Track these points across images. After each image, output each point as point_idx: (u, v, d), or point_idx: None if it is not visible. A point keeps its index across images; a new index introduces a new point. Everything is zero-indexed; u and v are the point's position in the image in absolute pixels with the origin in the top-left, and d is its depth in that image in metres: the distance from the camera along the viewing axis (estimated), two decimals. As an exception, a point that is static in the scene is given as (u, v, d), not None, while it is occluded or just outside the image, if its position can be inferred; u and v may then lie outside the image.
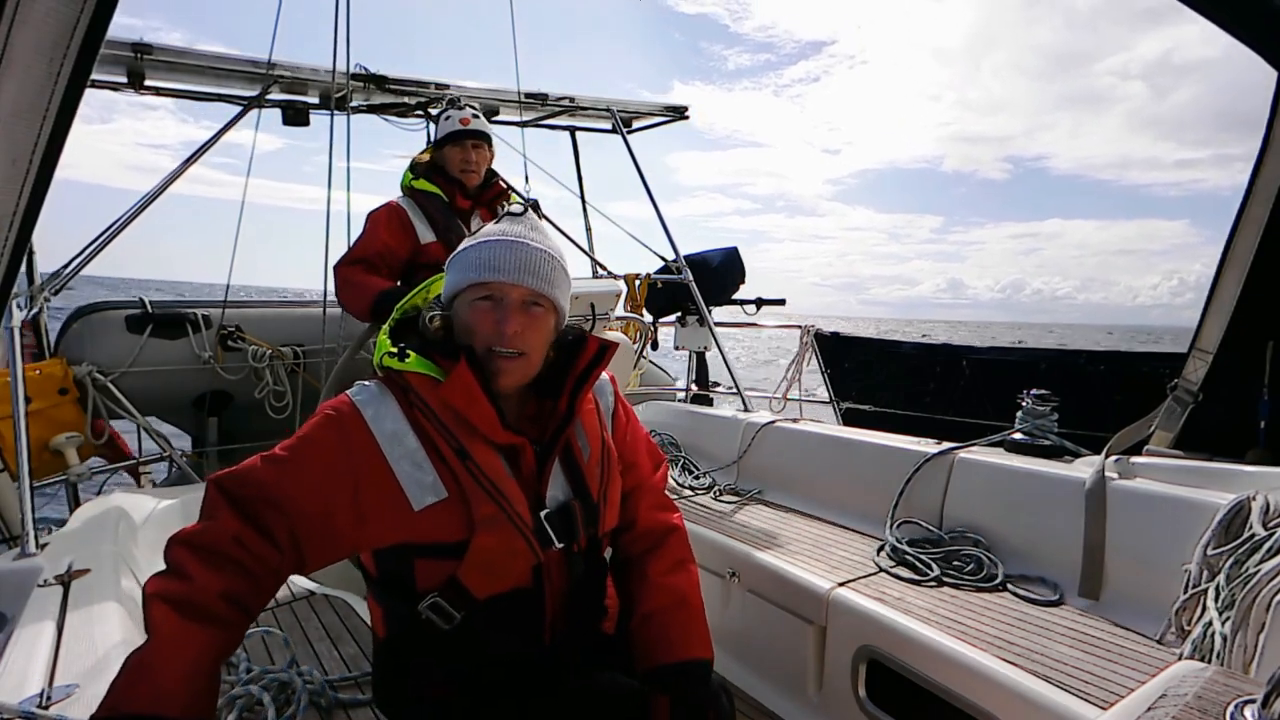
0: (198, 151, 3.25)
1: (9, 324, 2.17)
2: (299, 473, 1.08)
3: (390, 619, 1.21)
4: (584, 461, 1.23)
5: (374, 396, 1.15)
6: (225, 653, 1.02)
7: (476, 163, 2.61)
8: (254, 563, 1.04)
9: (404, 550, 1.12)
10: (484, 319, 1.14)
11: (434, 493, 1.10)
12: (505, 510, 1.11)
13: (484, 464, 1.11)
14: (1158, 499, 1.86)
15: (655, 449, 1.47)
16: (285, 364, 3.55)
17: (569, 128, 4.51)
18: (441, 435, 1.11)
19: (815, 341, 5.16)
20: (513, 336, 1.13)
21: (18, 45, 0.86)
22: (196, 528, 1.05)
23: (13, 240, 1.04)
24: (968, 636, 1.68)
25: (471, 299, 1.16)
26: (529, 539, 1.13)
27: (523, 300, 1.16)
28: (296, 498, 1.07)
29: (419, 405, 1.13)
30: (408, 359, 1.14)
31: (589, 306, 2.58)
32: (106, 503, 2.21)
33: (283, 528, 1.06)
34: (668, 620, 1.26)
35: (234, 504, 1.06)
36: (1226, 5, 1.91)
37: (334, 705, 1.60)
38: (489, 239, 1.18)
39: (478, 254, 1.16)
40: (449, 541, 1.10)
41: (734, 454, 3.05)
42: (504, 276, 1.14)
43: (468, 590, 1.11)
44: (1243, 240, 2.25)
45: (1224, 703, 0.74)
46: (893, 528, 2.28)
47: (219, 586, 1.01)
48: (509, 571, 1.14)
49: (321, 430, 1.12)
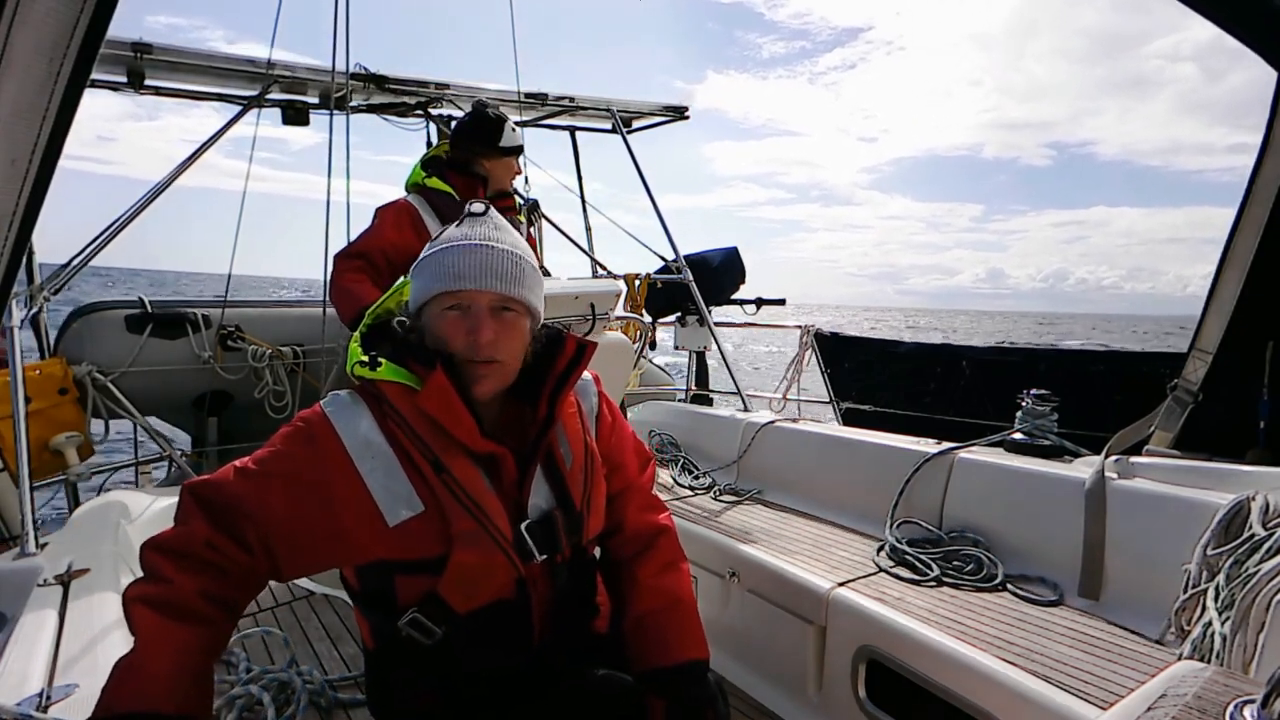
0: (197, 151, 3.26)
1: (9, 323, 2.17)
2: (268, 486, 1.06)
3: (375, 633, 1.20)
4: (566, 469, 1.19)
5: (345, 406, 1.11)
6: (212, 649, 1.01)
7: (519, 173, 2.67)
8: (229, 564, 1.04)
9: (383, 567, 1.10)
10: (455, 329, 1.10)
11: (409, 506, 1.06)
12: (483, 525, 1.08)
13: (461, 477, 1.07)
14: (1158, 499, 1.86)
15: (642, 447, 1.43)
16: (285, 364, 3.55)
17: (569, 127, 4.51)
18: (416, 446, 1.08)
19: (815, 341, 5.16)
20: (486, 345, 1.09)
21: (18, 45, 0.86)
22: (170, 533, 1.05)
23: (13, 240, 1.04)
24: (967, 636, 1.68)
25: (440, 309, 1.11)
26: (508, 553, 1.09)
27: (492, 306, 1.11)
28: (266, 510, 1.05)
29: (393, 415, 1.09)
30: (380, 367, 1.10)
31: (589, 306, 2.58)
32: (106, 502, 2.22)
33: (254, 536, 1.05)
34: (661, 622, 1.24)
35: (206, 510, 1.05)
36: (1226, 5, 1.90)
37: (334, 705, 1.60)
38: (452, 244, 1.12)
39: (440, 261, 1.11)
40: (427, 557, 1.08)
41: (734, 454, 3.05)
42: (470, 284, 1.09)
43: (448, 605, 1.09)
44: (1243, 240, 2.25)
45: (1224, 703, 0.74)
46: (892, 528, 2.28)
47: (196, 586, 1.00)
48: (489, 586, 1.11)
49: (291, 443, 1.09)
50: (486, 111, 2.57)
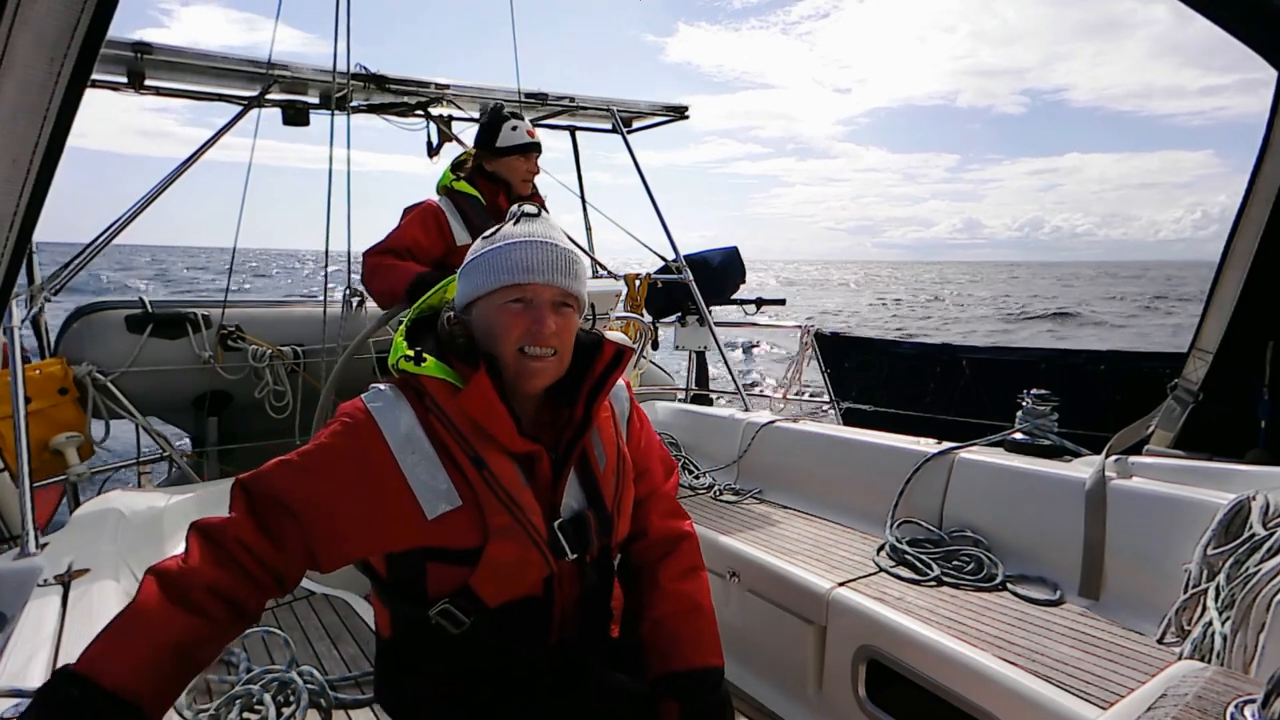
0: (197, 152, 3.25)
1: (9, 323, 2.17)
2: (314, 481, 1.08)
3: (396, 621, 1.21)
4: (599, 470, 1.21)
5: (389, 401, 1.14)
6: (200, 645, 1.00)
7: (533, 172, 2.66)
8: (254, 566, 1.05)
9: (418, 555, 1.12)
10: (516, 320, 1.13)
11: (447, 500, 1.09)
12: (519, 520, 1.10)
13: (499, 472, 1.10)
14: (1158, 499, 1.86)
15: (667, 455, 1.45)
16: (285, 364, 3.55)
17: (569, 127, 4.51)
18: (457, 442, 1.10)
19: (815, 341, 5.16)
20: (550, 335, 1.12)
21: (18, 45, 0.86)
22: (216, 519, 1.07)
23: (13, 240, 1.04)
24: (968, 636, 1.68)
25: (502, 301, 1.14)
26: (542, 549, 1.12)
27: (553, 300, 1.15)
28: (311, 505, 1.07)
29: (434, 411, 1.12)
30: (424, 363, 1.13)
31: (589, 306, 2.57)
32: (106, 503, 2.21)
33: (295, 533, 1.06)
34: (679, 625, 1.26)
35: (251, 504, 1.08)
36: (1226, 5, 1.91)
37: (334, 705, 1.60)
38: (518, 240, 1.15)
39: (507, 256, 1.14)
40: (463, 548, 1.10)
41: (734, 454, 3.05)
42: (537, 277, 1.13)
43: (480, 598, 1.11)
44: (1243, 240, 2.25)
45: (1224, 703, 0.74)
46: (893, 527, 2.28)
47: (210, 578, 1.01)
48: (521, 581, 1.13)
49: (338, 438, 1.11)
50: (491, 112, 2.59)
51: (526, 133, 2.58)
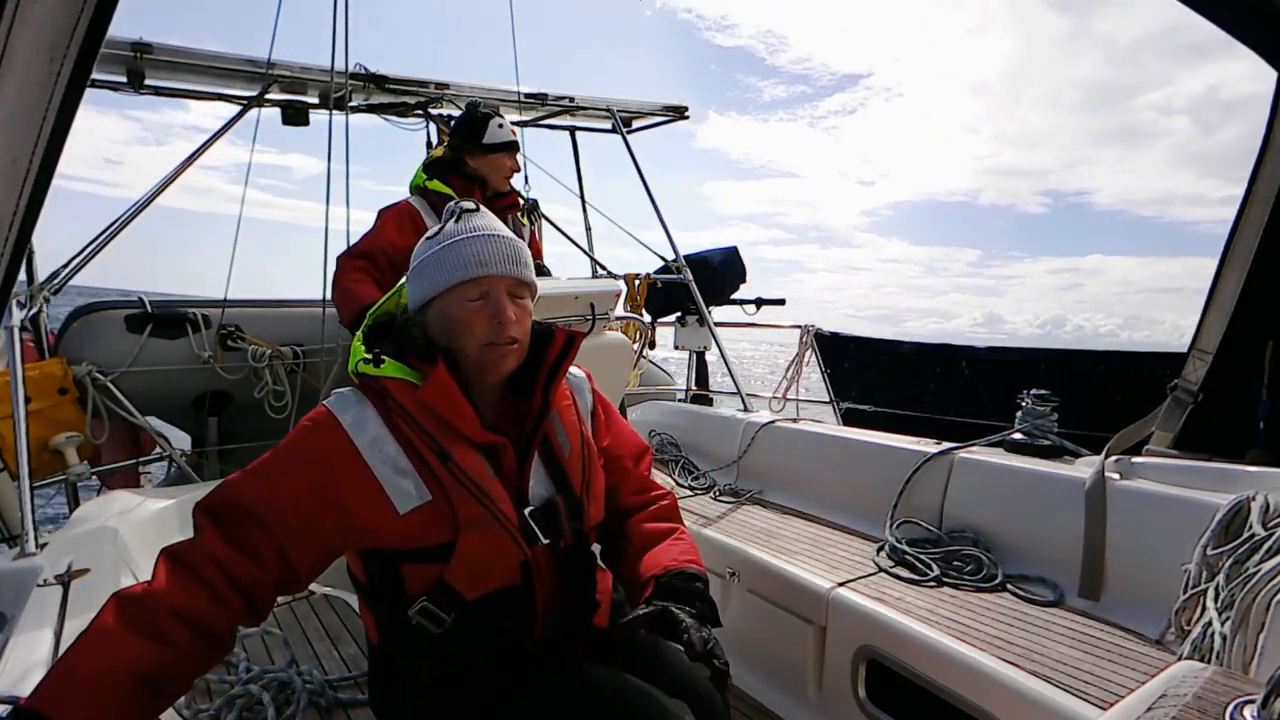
0: (196, 152, 3.26)
1: (9, 324, 2.17)
2: (279, 488, 1.08)
3: (381, 624, 1.21)
4: (564, 456, 1.24)
5: (351, 404, 1.15)
6: (161, 673, 0.96)
7: (514, 170, 2.66)
8: (227, 587, 1.03)
9: (390, 557, 1.12)
10: (477, 316, 1.15)
11: (417, 496, 1.10)
12: (490, 509, 1.11)
13: (466, 464, 1.11)
14: (1158, 499, 1.86)
15: (637, 440, 1.47)
16: (285, 364, 3.55)
17: (569, 128, 4.51)
18: (421, 439, 1.12)
19: (815, 341, 5.16)
20: (512, 324, 1.15)
21: (18, 45, 0.86)
22: (184, 542, 1.06)
23: (13, 240, 1.04)
24: (967, 636, 1.68)
25: (459, 298, 1.16)
26: (515, 536, 1.13)
27: (509, 290, 1.18)
28: (278, 513, 1.06)
29: (397, 410, 1.13)
30: (383, 364, 1.15)
31: (589, 306, 2.57)
32: (106, 503, 2.21)
33: (268, 545, 1.05)
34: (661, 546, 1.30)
35: (218, 524, 1.06)
36: (1226, 5, 1.91)
37: (334, 705, 1.60)
38: (466, 236, 1.17)
39: (458, 252, 1.16)
40: (435, 544, 1.11)
41: (734, 454, 3.05)
42: (492, 269, 1.16)
43: (457, 591, 1.11)
44: (1243, 240, 2.25)
45: (1224, 703, 0.74)
46: (892, 528, 2.28)
47: (175, 603, 0.98)
48: (497, 570, 1.14)
49: (300, 443, 1.12)
50: (474, 110, 2.58)
51: (510, 130, 2.59)
